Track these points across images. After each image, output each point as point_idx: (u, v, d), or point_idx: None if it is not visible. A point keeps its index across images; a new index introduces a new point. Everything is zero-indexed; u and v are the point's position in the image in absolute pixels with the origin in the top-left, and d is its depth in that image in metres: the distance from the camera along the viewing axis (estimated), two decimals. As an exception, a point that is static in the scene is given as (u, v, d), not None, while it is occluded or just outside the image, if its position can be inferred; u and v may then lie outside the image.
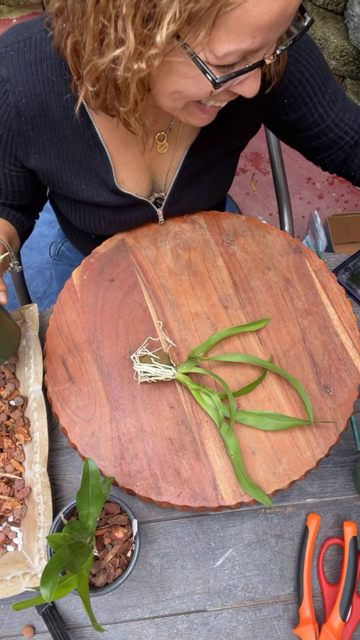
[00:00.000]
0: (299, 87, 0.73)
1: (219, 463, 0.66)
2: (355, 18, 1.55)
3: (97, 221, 0.79)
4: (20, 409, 0.72)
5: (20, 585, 0.63)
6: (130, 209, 0.77)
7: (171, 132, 0.72)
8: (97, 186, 0.73)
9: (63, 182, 0.73)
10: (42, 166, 0.71)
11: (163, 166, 0.76)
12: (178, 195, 0.78)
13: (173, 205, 0.79)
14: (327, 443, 0.67)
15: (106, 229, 0.80)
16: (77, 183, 0.73)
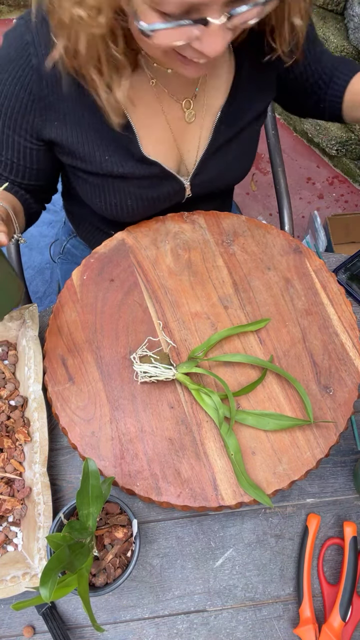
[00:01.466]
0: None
1: (219, 463, 0.66)
2: (355, 18, 1.55)
3: (124, 199, 0.77)
4: (20, 409, 0.72)
5: (20, 585, 0.63)
6: (157, 183, 0.76)
7: (197, 100, 0.72)
8: (122, 157, 0.71)
9: (85, 153, 0.71)
10: (63, 136, 0.69)
11: (193, 137, 0.75)
12: (207, 165, 0.77)
13: (201, 176, 0.79)
14: (327, 443, 0.67)
15: (133, 209, 0.78)
16: (100, 153, 0.71)
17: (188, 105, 0.72)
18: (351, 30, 1.60)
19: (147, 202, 0.78)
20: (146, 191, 0.76)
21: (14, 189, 0.78)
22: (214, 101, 0.73)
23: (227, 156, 0.79)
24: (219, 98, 0.73)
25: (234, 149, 0.79)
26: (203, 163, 0.77)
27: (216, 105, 0.73)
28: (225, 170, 0.80)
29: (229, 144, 0.78)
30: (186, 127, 0.74)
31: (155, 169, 0.74)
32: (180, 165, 0.78)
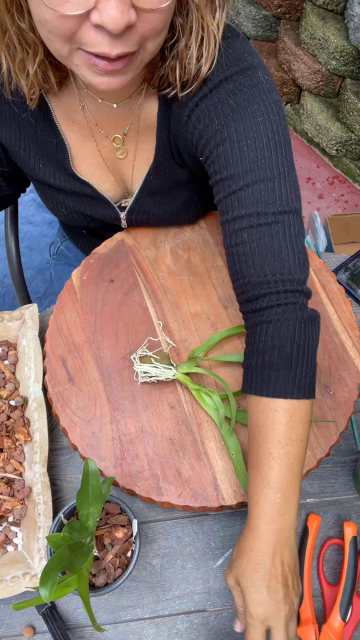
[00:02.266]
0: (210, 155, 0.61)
1: (219, 463, 0.66)
2: (355, 18, 1.55)
3: (58, 208, 0.77)
4: (20, 409, 0.72)
5: (20, 585, 0.63)
6: (91, 203, 0.75)
7: (128, 139, 0.70)
8: (54, 168, 0.72)
9: (23, 157, 0.71)
10: (5, 137, 0.69)
11: (126, 172, 0.74)
12: (143, 205, 0.76)
13: (137, 214, 0.77)
14: (327, 442, 0.67)
15: (69, 218, 0.79)
16: (36, 161, 0.71)
17: (119, 142, 0.70)
18: (351, 30, 1.60)
19: (82, 216, 0.78)
20: (79, 206, 0.76)
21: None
22: (145, 151, 0.70)
23: (163, 205, 0.75)
24: (149, 151, 0.70)
25: (172, 200, 0.75)
26: (137, 202, 0.75)
27: (148, 155, 0.70)
28: (162, 217, 0.77)
29: (164, 194, 0.74)
30: (118, 161, 0.73)
31: (87, 188, 0.73)
32: (119, 195, 0.77)
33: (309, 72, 1.81)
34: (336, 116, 1.84)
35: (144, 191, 0.74)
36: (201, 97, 0.60)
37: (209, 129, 0.60)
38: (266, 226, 0.58)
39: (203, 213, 0.82)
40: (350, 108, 1.73)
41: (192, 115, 0.61)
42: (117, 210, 0.77)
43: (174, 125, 0.65)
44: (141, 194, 0.74)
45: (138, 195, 0.74)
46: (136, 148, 0.71)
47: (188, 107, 0.61)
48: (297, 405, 0.56)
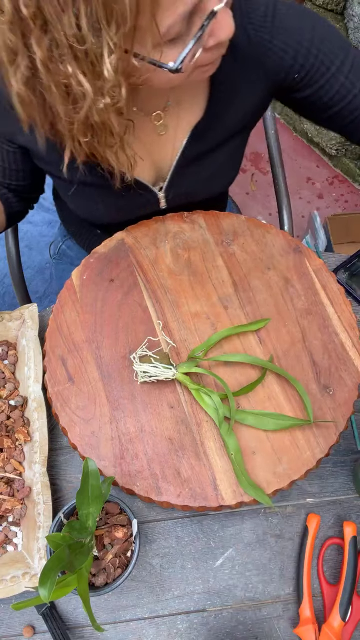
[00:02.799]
0: (310, 57, 0.67)
1: (219, 463, 0.66)
2: (355, 18, 1.55)
3: (94, 205, 0.77)
4: (20, 409, 0.72)
5: (20, 585, 0.63)
6: (129, 193, 0.75)
7: (169, 113, 0.71)
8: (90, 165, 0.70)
9: (54, 159, 0.71)
10: (33, 141, 0.69)
11: (165, 150, 0.74)
12: (180, 178, 0.76)
13: (175, 189, 0.78)
14: (327, 443, 0.67)
15: (104, 215, 0.78)
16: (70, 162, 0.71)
17: (159, 119, 0.71)
18: (351, 30, 1.60)
19: (118, 209, 0.78)
20: (117, 200, 0.76)
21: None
22: (188, 115, 0.71)
23: (202, 171, 0.77)
24: (194, 112, 0.71)
25: (209, 164, 0.77)
26: (176, 176, 0.76)
27: (191, 119, 0.72)
28: (201, 185, 0.79)
29: (203, 158, 0.76)
30: (158, 140, 0.73)
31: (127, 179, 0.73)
32: (154, 176, 0.77)
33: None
34: (336, 116, 1.84)
35: (183, 161, 0.75)
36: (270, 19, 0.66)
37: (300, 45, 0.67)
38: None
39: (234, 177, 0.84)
40: (350, 108, 1.73)
41: (274, 41, 0.67)
42: (155, 192, 0.77)
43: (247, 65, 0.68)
44: (179, 166, 0.75)
45: (176, 168, 0.75)
46: (178, 119, 0.71)
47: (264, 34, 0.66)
48: None
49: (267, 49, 0.67)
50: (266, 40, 0.67)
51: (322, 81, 0.69)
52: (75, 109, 0.52)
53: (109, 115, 0.52)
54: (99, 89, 0.49)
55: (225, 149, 0.77)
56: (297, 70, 0.69)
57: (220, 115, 0.72)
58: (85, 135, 0.56)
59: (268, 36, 0.66)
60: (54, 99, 0.51)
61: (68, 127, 0.55)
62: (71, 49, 0.46)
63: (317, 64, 0.68)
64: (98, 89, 0.49)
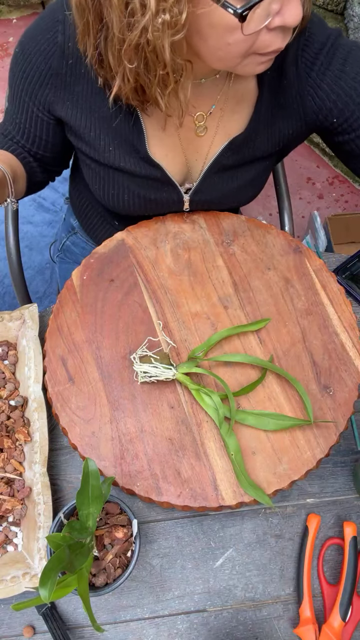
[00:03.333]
0: (350, 104, 0.68)
1: (219, 463, 0.66)
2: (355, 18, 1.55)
3: (121, 193, 0.76)
4: (20, 409, 0.72)
5: (20, 585, 0.63)
6: (157, 186, 0.76)
7: (211, 116, 0.71)
8: (125, 151, 0.71)
9: (91, 138, 0.71)
10: (72, 117, 0.69)
11: (200, 151, 0.74)
12: (208, 184, 0.77)
13: (201, 194, 0.78)
14: (327, 443, 0.67)
15: (129, 204, 0.78)
16: (105, 143, 0.71)
17: (201, 119, 0.71)
18: (351, 30, 1.60)
19: (143, 201, 0.78)
20: (144, 191, 0.76)
21: (23, 154, 0.77)
22: (229, 125, 0.72)
23: (229, 182, 0.77)
24: (235, 125, 0.72)
25: (237, 177, 0.77)
26: (204, 181, 0.76)
27: (231, 130, 0.72)
28: (226, 195, 0.79)
29: (233, 170, 0.76)
30: (195, 139, 0.73)
31: (157, 172, 0.73)
32: (185, 177, 0.77)
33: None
34: (336, 116, 1.84)
35: (214, 168, 0.75)
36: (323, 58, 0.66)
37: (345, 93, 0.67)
38: None
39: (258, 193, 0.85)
40: (350, 108, 1.73)
41: (320, 82, 0.67)
42: (181, 192, 0.77)
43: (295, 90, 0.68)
44: (209, 172, 0.75)
45: (206, 173, 0.75)
46: (218, 125, 0.72)
47: (312, 72, 0.67)
48: None
49: (310, 87, 0.68)
50: (312, 78, 0.67)
51: (330, 100, 0.69)
52: (130, 25, 0.50)
53: (163, 40, 0.51)
54: (161, 2, 0.48)
55: (254, 167, 0.77)
56: (335, 115, 0.69)
57: (258, 135, 0.73)
58: (132, 61, 0.54)
59: (315, 74, 0.67)
60: (112, 9, 0.50)
61: (118, 46, 0.53)
62: None
63: (355, 108, 0.68)
64: (159, 2, 0.48)
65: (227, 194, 0.79)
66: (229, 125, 0.72)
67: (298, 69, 0.67)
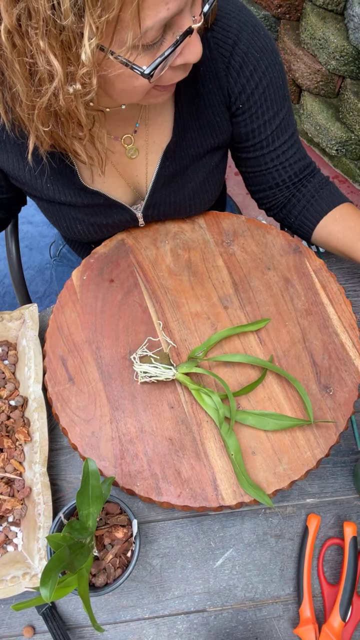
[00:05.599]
0: (255, 94, 0.70)
1: (219, 463, 0.66)
2: (355, 18, 1.55)
3: (73, 224, 0.77)
4: (20, 409, 0.72)
5: (20, 585, 0.63)
6: (105, 211, 0.75)
7: (138, 135, 0.70)
8: (63, 185, 0.71)
9: (28, 179, 0.71)
10: (5, 163, 0.69)
11: (139, 172, 0.74)
12: (158, 198, 0.76)
13: (153, 208, 0.77)
14: (327, 443, 0.67)
15: (84, 232, 0.78)
16: (42, 181, 0.71)
17: (129, 142, 0.70)
18: (351, 30, 1.60)
19: (97, 227, 0.78)
20: (93, 218, 0.76)
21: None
22: (158, 137, 0.71)
23: (179, 191, 0.76)
24: (163, 133, 0.71)
25: (186, 183, 0.76)
26: (153, 196, 0.76)
27: (161, 140, 0.72)
28: (179, 205, 0.78)
29: (178, 179, 0.75)
30: (130, 162, 0.73)
31: (99, 198, 0.73)
32: (131, 196, 0.77)
33: (308, 72, 1.81)
34: (336, 116, 1.84)
35: (159, 183, 0.74)
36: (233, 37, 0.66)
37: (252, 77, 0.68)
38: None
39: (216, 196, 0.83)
40: (350, 108, 1.73)
41: (230, 67, 0.67)
42: (132, 211, 0.77)
43: (207, 83, 0.68)
44: (156, 186, 0.75)
45: (153, 188, 0.75)
46: (147, 142, 0.71)
47: (225, 50, 0.66)
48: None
49: (225, 66, 0.67)
50: (225, 57, 0.66)
51: (254, 124, 0.72)
52: (38, 92, 0.48)
53: (76, 103, 0.49)
54: (70, 72, 0.46)
55: (200, 167, 0.76)
56: (242, 100, 0.70)
57: (188, 134, 0.72)
58: (46, 123, 0.52)
59: (228, 53, 0.66)
60: (15, 76, 0.47)
61: (27, 111, 0.51)
62: (46, 23, 0.42)
63: (256, 105, 0.70)
64: (69, 73, 0.46)
65: (180, 202, 0.78)
66: (157, 138, 0.72)
67: (210, 49, 0.66)
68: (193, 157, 0.74)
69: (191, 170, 0.76)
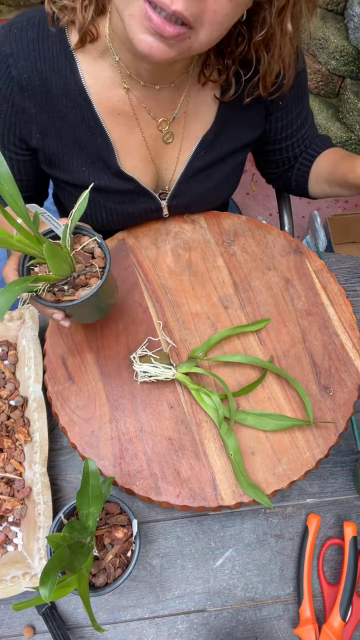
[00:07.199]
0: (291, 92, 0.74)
1: (218, 463, 0.66)
2: (355, 18, 1.55)
3: (99, 211, 0.77)
4: (20, 409, 0.72)
5: (20, 585, 0.63)
6: (132, 199, 0.76)
7: (175, 122, 0.72)
8: (98, 169, 0.72)
9: (64, 163, 0.71)
10: (44, 144, 0.70)
11: (170, 159, 0.75)
12: (185, 188, 0.77)
13: (178, 198, 0.78)
14: (326, 443, 0.67)
15: (107, 221, 0.78)
16: (78, 165, 0.71)
17: (164, 126, 0.71)
18: (351, 30, 1.60)
19: (122, 216, 0.78)
20: (121, 206, 0.76)
21: None
22: (195, 127, 0.73)
23: (205, 182, 0.78)
24: (201, 125, 0.73)
25: (213, 176, 0.78)
26: (180, 186, 0.77)
27: (197, 131, 0.73)
28: (203, 196, 0.80)
29: (207, 170, 0.77)
30: (163, 147, 0.74)
31: (131, 184, 0.74)
32: (157, 184, 0.77)
33: (308, 72, 1.81)
34: (336, 116, 1.84)
35: (189, 172, 0.75)
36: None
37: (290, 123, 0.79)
38: None
39: (234, 190, 0.86)
40: (350, 108, 1.73)
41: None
42: (158, 200, 0.77)
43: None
44: (184, 176, 0.76)
45: (181, 178, 0.76)
46: (184, 130, 0.72)
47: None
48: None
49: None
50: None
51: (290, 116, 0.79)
52: None
53: None
54: None
55: (229, 162, 0.78)
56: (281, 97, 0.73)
57: (227, 129, 0.74)
58: None
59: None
60: None
61: None
62: None
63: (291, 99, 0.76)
64: None
65: (204, 194, 0.79)
66: (194, 128, 0.73)
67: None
68: (227, 151, 0.76)
69: (221, 163, 0.77)
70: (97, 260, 0.60)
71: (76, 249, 0.59)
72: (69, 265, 0.56)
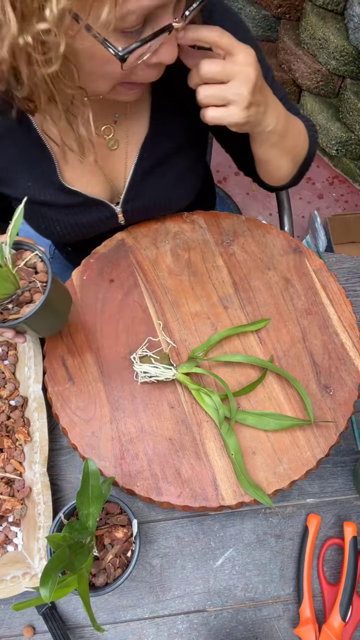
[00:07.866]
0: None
1: (219, 463, 0.66)
2: (355, 18, 1.55)
3: (52, 225, 0.76)
4: (20, 409, 0.72)
5: (20, 585, 0.63)
6: (83, 210, 0.75)
7: (118, 127, 0.70)
8: (42, 184, 0.71)
9: (8, 179, 0.70)
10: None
11: (118, 165, 0.73)
12: (137, 191, 0.75)
13: (132, 202, 0.76)
14: (327, 443, 0.67)
15: (63, 234, 0.78)
16: (23, 180, 0.70)
17: (108, 132, 0.70)
18: (351, 30, 1.60)
19: (76, 227, 0.77)
20: (74, 218, 0.75)
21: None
22: (137, 128, 0.71)
23: (158, 184, 0.76)
24: (142, 126, 0.71)
25: (163, 177, 0.76)
26: (131, 190, 0.75)
27: (140, 133, 0.71)
28: (160, 197, 0.78)
29: (157, 171, 0.75)
30: (110, 154, 0.72)
31: (78, 197, 0.73)
32: (109, 192, 0.76)
33: (308, 72, 1.81)
34: (336, 116, 1.84)
35: (136, 175, 0.74)
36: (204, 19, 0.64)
37: None
38: None
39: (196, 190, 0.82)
40: (350, 108, 1.73)
41: None
42: (111, 206, 0.76)
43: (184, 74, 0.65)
44: (134, 178, 0.74)
45: (132, 181, 0.74)
46: (127, 133, 0.71)
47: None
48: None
49: None
50: None
51: None
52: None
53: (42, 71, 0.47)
54: (23, 24, 0.43)
55: (179, 161, 0.76)
56: None
57: (166, 128, 0.71)
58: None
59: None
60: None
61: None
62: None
63: None
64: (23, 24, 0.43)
65: (160, 195, 0.77)
66: (137, 130, 0.71)
67: None
68: (171, 149, 0.74)
69: (170, 162, 0.75)
70: (39, 275, 0.59)
71: (18, 265, 0.58)
72: (12, 283, 0.55)
